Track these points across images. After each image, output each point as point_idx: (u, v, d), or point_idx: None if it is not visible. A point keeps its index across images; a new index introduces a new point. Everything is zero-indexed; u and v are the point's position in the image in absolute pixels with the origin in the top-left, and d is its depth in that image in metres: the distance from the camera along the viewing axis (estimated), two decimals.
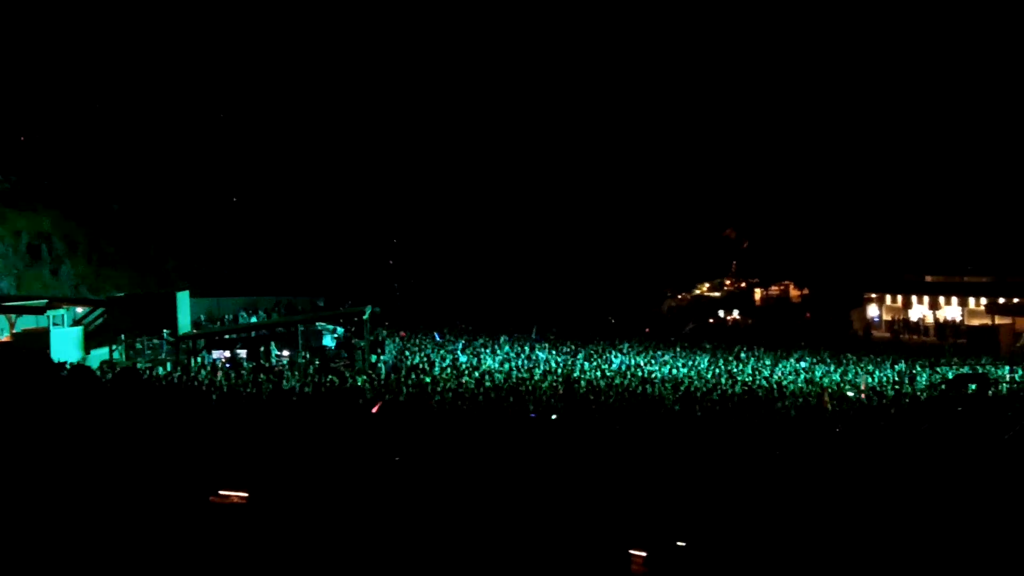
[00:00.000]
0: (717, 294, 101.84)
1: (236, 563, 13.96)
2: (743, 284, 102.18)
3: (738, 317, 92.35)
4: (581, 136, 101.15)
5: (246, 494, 15.86)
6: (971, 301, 75.22)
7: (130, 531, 14.10)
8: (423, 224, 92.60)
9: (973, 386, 42.72)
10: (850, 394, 40.99)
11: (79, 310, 51.06)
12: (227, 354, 46.94)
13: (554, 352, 53.81)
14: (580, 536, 16.09)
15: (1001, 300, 70.91)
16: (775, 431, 30.37)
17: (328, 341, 49.26)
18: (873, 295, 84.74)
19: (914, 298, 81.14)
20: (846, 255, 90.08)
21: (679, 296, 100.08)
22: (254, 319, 57.03)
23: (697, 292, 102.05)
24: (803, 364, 52.07)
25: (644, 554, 14.81)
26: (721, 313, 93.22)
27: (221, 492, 15.70)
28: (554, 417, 30.67)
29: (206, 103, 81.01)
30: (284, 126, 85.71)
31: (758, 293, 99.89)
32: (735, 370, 48.70)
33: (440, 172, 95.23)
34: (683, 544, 15.63)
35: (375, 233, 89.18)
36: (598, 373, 44.77)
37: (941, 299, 78.23)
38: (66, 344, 44.75)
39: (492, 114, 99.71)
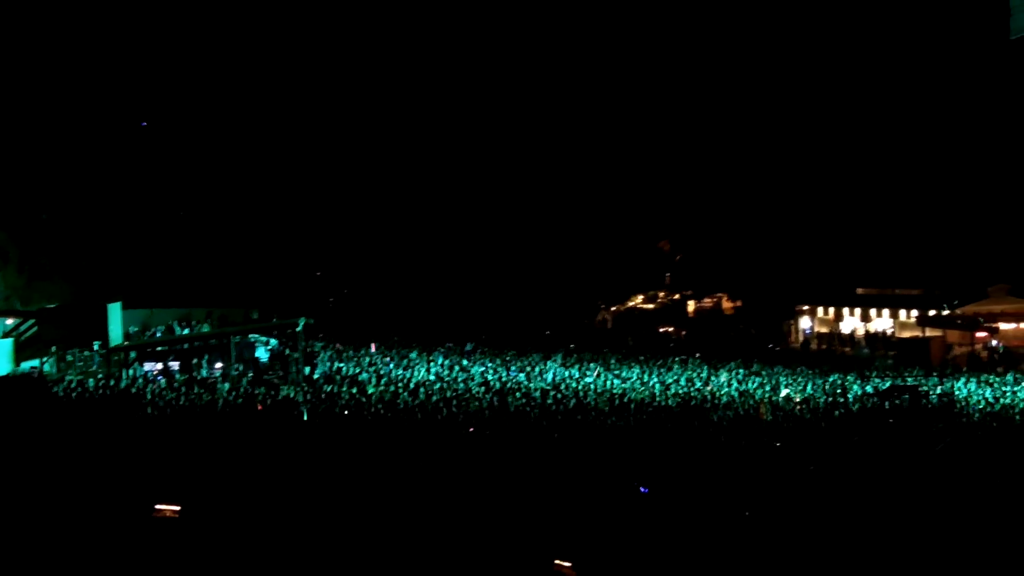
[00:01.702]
0: (651, 306, 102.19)
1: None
2: (677, 296, 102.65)
3: (672, 329, 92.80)
4: (515, 147, 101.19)
5: (179, 507, 15.75)
6: (902, 314, 76.37)
7: (63, 545, 13.97)
8: (358, 235, 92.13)
9: (906, 397, 43.33)
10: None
11: (9, 322, 50.16)
12: (159, 366, 46.41)
13: (488, 365, 53.69)
14: (507, 547, 16.12)
15: (932, 312, 72.16)
16: (710, 440, 30.61)
17: (261, 353, 48.86)
18: (805, 307, 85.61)
19: (846, 310, 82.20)
20: (779, 267, 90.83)
21: (613, 308, 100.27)
22: (187, 331, 56.37)
23: (631, 304, 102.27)
24: (737, 375, 52.40)
25: (569, 564, 14.89)
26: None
27: (157, 507, 15.59)
28: (487, 431, 30.70)
29: (135, 111, 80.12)
30: (213, 136, 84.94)
31: (691, 305, 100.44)
32: (669, 380, 48.91)
33: (374, 183, 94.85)
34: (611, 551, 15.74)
35: (310, 244, 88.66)
36: (532, 385, 44.76)
37: (872, 311, 79.37)
38: None
39: (426, 122, 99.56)
